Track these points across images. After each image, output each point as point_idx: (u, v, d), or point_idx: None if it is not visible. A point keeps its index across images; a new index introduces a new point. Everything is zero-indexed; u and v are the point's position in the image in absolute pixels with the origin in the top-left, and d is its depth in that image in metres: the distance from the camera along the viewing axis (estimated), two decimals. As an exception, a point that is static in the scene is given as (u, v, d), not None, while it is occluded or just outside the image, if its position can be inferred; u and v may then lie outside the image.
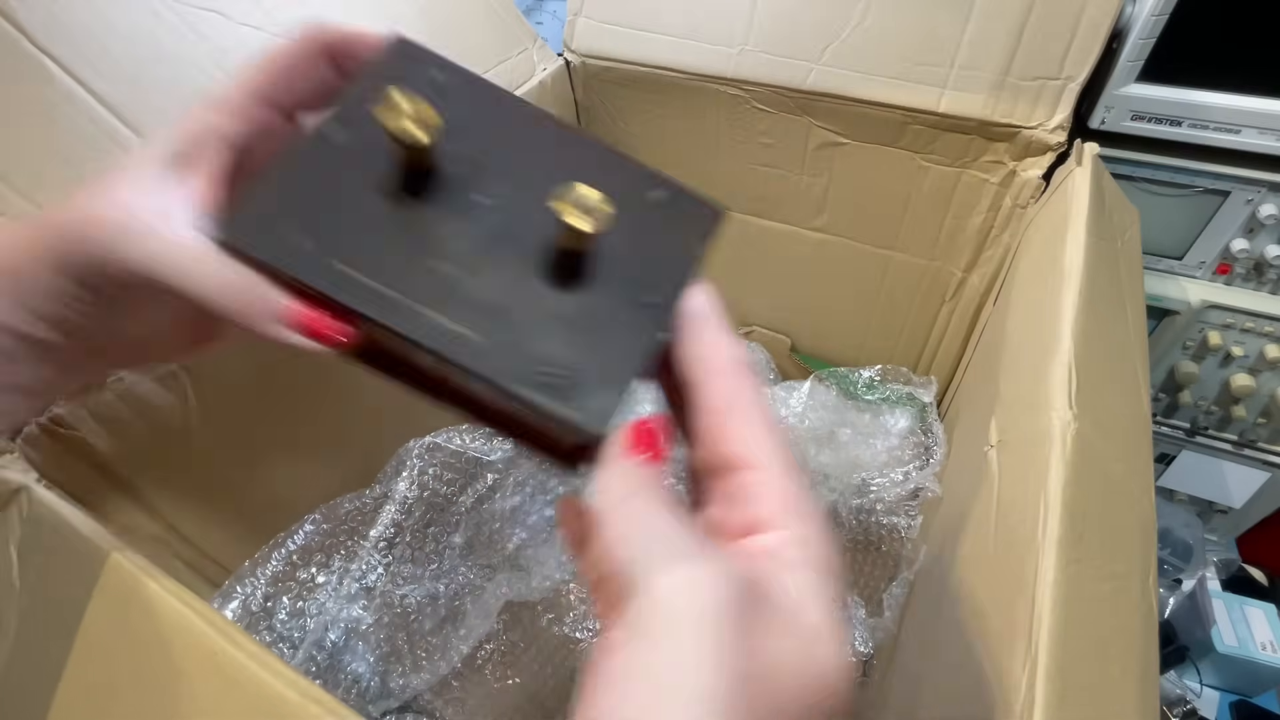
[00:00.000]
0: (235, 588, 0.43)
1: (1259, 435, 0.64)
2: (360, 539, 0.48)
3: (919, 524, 0.53)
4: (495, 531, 0.51)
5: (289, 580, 0.45)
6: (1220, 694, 0.63)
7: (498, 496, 0.52)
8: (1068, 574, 0.26)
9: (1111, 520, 0.31)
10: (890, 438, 0.55)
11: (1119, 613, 0.28)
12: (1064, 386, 0.31)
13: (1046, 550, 0.26)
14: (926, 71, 0.47)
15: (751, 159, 0.57)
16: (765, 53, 0.52)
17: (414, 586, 0.48)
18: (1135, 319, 0.41)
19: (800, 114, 0.53)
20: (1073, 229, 0.39)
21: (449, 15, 0.53)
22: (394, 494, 0.50)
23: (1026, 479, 0.30)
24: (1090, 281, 0.36)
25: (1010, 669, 0.26)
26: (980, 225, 0.52)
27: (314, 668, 0.44)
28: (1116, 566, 0.29)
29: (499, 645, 0.47)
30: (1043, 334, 0.35)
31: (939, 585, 0.38)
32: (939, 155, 0.50)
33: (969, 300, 0.56)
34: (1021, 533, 0.28)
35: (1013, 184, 0.49)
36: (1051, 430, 0.30)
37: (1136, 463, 0.34)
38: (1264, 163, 0.51)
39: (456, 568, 0.49)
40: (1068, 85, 0.44)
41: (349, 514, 0.48)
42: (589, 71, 0.59)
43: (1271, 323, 0.58)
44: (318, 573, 0.46)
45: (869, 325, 0.63)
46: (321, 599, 0.46)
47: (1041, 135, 0.45)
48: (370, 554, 0.48)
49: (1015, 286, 0.46)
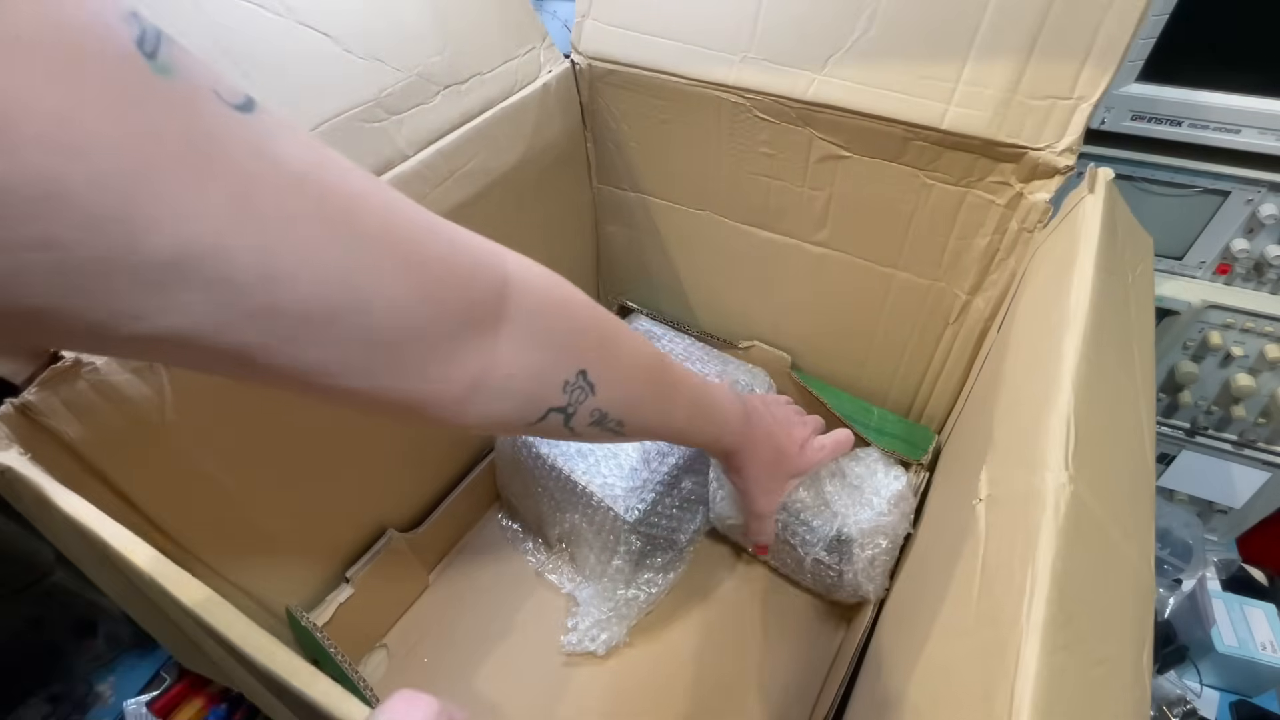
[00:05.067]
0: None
1: (1259, 435, 0.64)
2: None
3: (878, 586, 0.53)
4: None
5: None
6: (1220, 694, 0.63)
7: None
8: (1052, 664, 0.24)
9: (1105, 595, 0.28)
10: (880, 500, 0.53)
11: (1108, 701, 0.26)
12: (1061, 444, 0.29)
13: (1030, 636, 0.24)
14: (930, 86, 0.45)
15: (753, 168, 0.56)
16: (767, 61, 0.50)
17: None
18: (1143, 363, 0.39)
19: (802, 125, 0.51)
20: (1080, 265, 0.36)
21: (461, 6, 0.52)
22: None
23: (1014, 545, 0.28)
24: (1096, 326, 0.34)
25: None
26: (985, 248, 0.49)
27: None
28: (1108, 649, 0.27)
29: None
30: (1041, 382, 0.33)
31: (914, 650, 0.36)
32: (942, 173, 0.48)
33: (973, 324, 0.54)
34: (1006, 609, 0.26)
35: (1019, 207, 0.46)
36: (1044, 491, 0.28)
37: (1136, 524, 0.31)
38: (1264, 163, 0.51)
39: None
40: (1079, 105, 0.41)
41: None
42: (595, 74, 0.58)
43: (1271, 323, 0.57)
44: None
45: (871, 345, 0.61)
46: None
47: (1049, 157, 0.43)
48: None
49: (1018, 320, 0.44)
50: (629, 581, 0.58)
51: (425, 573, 0.63)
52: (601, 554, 0.57)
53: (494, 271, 0.28)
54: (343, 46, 0.45)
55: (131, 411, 0.38)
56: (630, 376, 0.35)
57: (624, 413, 0.35)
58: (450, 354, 0.26)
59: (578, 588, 0.61)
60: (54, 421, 0.36)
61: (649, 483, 0.56)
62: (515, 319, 0.28)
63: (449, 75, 0.51)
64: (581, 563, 0.61)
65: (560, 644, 0.57)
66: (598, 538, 0.57)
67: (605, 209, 0.68)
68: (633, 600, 0.58)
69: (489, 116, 0.53)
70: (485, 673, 0.57)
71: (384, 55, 0.47)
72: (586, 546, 0.59)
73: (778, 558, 0.60)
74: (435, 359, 0.26)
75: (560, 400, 0.31)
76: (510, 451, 0.61)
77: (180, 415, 0.40)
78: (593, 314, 0.33)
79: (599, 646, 0.56)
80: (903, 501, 0.53)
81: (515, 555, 0.65)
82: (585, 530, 0.58)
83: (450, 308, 0.26)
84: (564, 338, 0.31)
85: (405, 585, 0.62)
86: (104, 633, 0.63)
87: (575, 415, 0.32)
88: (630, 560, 0.56)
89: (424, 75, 0.49)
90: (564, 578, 0.62)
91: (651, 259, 0.69)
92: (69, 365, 0.35)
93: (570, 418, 0.32)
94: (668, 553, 0.59)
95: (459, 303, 0.26)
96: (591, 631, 0.57)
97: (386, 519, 0.59)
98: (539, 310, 0.29)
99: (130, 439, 0.39)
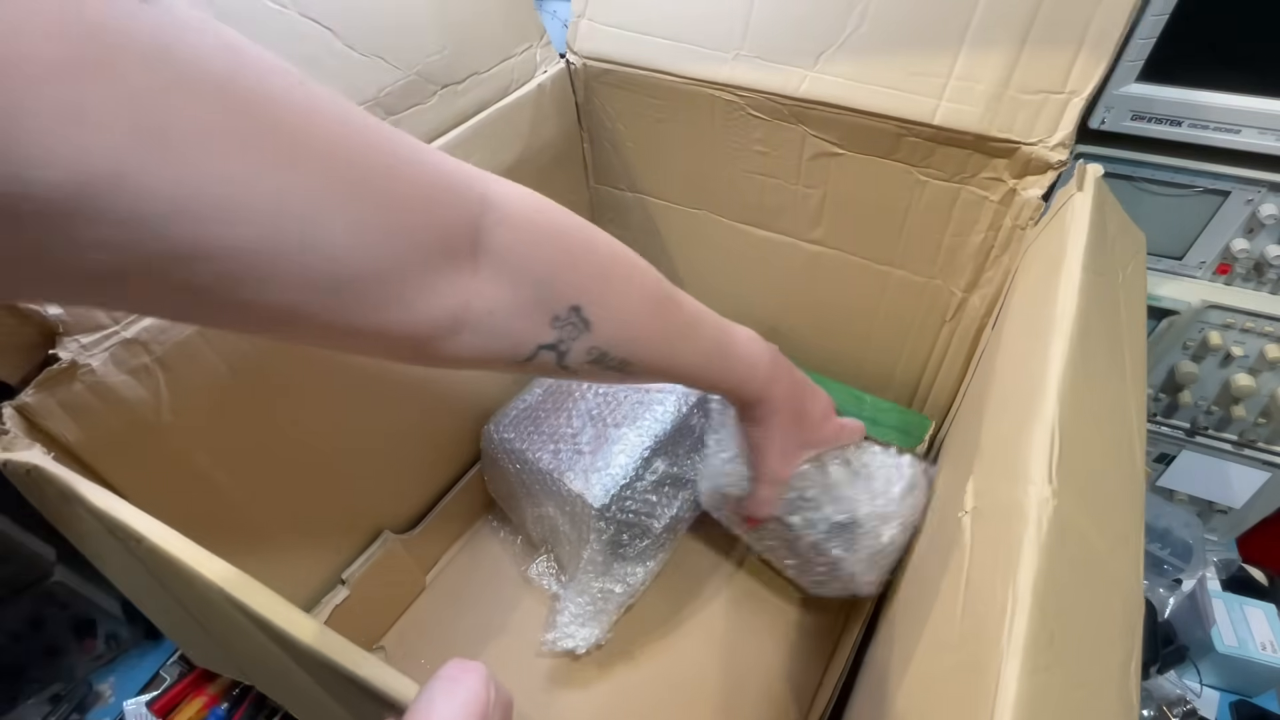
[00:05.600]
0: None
1: (1259, 435, 0.63)
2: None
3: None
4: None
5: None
6: (1220, 694, 0.62)
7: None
8: (1033, 685, 0.23)
9: (1089, 610, 0.28)
10: (894, 488, 0.49)
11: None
12: (1044, 455, 0.28)
13: (1010, 656, 0.24)
14: (922, 81, 0.45)
15: (748, 166, 0.56)
16: (760, 58, 0.50)
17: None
18: (1134, 363, 0.38)
19: (794, 122, 0.51)
20: (1068, 266, 0.36)
21: (462, 3, 0.52)
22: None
23: (996, 560, 0.28)
24: (1083, 329, 0.33)
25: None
26: (980, 244, 0.49)
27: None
28: (1091, 671, 0.26)
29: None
30: (1027, 389, 0.32)
31: (905, 660, 0.36)
32: (936, 169, 0.48)
33: (970, 322, 0.53)
34: (988, 627, 0.26)
35: (1013, 203, 0.46)
36: (1027, 506, 0.27)
37: (1123, 536, 0.31)
38: (1264, 163, 0.51)
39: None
40: (1071, 100, 0.41)
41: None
42: (590, 73, 0.59)
43: (1271, 323, 0.57)
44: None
45: (868, 343, 0.61)
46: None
47: (1042, 152, 0.43)
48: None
49: (1008, 322, 0.44)
50: (604, 573, 0.57)
51: (422, 574, 0.63)
52: (576, 545, 0.57)
53: (469, 197, 0.25)
54: (345, 42, 0.45)
55: (128, 413, 0.39)
56: (634, 313, 0.32)
57: (627, 352, 0.32)
58: (422, 290, 0.24)
59: (563, 588, 0.60)
60: (51, 423, 0.36)
61: (617, 469, 0.55)
62: (495, 249, 0.26)
63: (447, 75, 0.51)
64: (563, 562, 0.60)
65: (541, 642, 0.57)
66: (572, 529, 0.57)
67: (602, 209, 0.68)
68: (609, 594, 0.57)
69: (484, 117, 0.53)
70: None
71: (385, 52, 0.47)
72: (564, 539, 0.58)
73: (766, 539, 0.55)
74: (404, 297, 0.23)
75: (550, 337, 0.28)
76: (491, 450, 0.61)
77: (177, 417, 0.41)
78: (588, 243, 0.30)
79: (579, 644, 0.56)
80: (915, 490, 0.49)
81: (509, 556, 0.65)
82: (560, 521, 0.57)
83: (418, 239, 0.23)
84: (553, 269, 0.28)
85: (402, 587, 0.62)
86: (104, 633, 0.63)
87: (569, 353, 0.29)
88: (603, 549, 0.55)
89: (423, 74, 0.49)
90: (550, 580, 0.62)
91: (649, 258, 0.67)
92: (65, 367, 0.36)
93: (564, 356, 0.29)
94: (643, 540, 0.58)
95: (428, 233, 0.23)
96: (569, 628, 0.56)
97: (383, 521, 0.59)
98: (523, 239, 0.27)
99: (127, 441, 0.39)
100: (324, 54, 0.44)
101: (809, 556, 0.52)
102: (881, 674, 0.41)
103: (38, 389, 0.36)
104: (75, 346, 0.36)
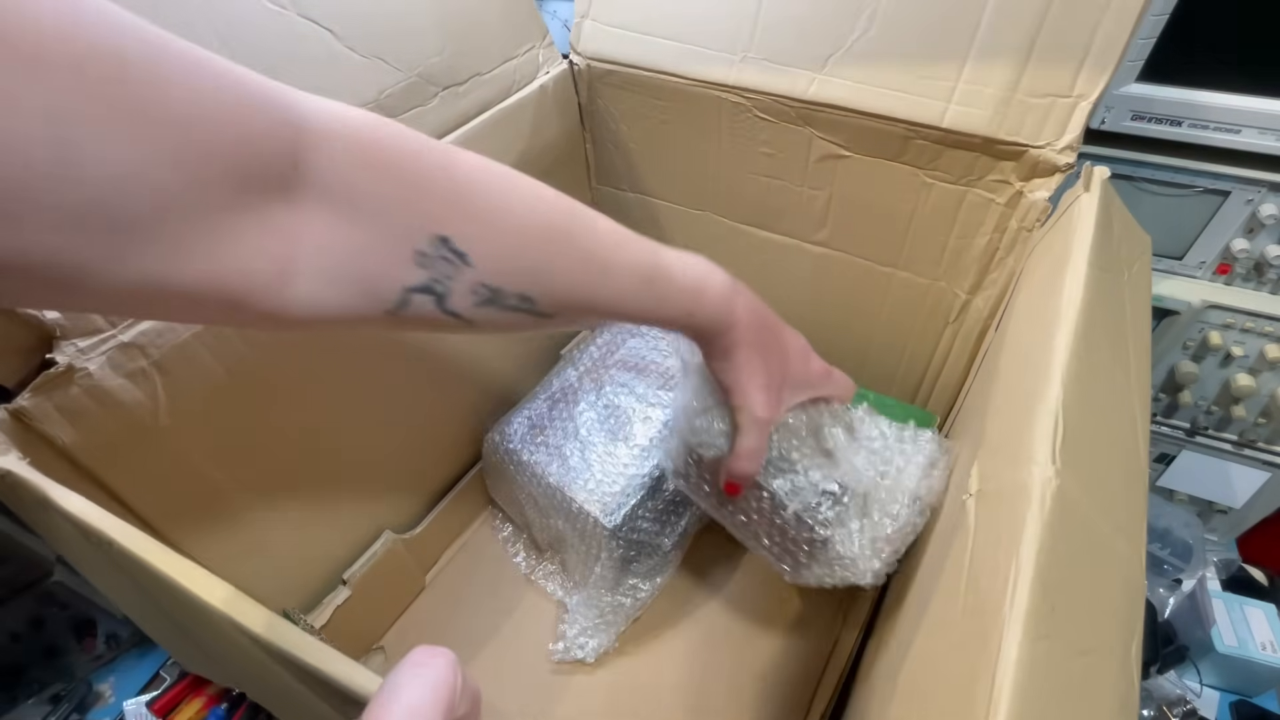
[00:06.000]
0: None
1: (1259, 435, 0.64)
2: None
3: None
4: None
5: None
6: (1220, 694, 0.63)
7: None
8: (1034, 652, 0.24)
9: (1091, 587, 0.28)
10: (913, 465, 0.43)
11: (1090, 694, 0.26)
12: (1048, 437, 0.29)
13: (1012, 625, 0.24)
14: (930, 85, 0.45)
15: (753, 168, 0.56)
16: (767, 60, 0.50)
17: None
18: (1138, 359, 0.38)
19: (802, 124, 0.51)
20: (1074, 263, 0.36)
21: (463, 4, 0.52)
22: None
23: (1000, 538, 0.28)
24: (1088, 322, 0.33)
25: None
26: (985, 247, 0.49)
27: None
28: (1091, 641, 0.27)
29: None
30: (1032, 377, 0.33)
31: (905, 644, 0.36)
32: (943, 172, 0.47)
33: (973, 324, 0.53)
34: (990, 600, 0.26)
35: (1019, 205, 0.46)
36: (1030, 485, 0.27)
37: (1125, 519, 0.31)
38: (1264, 163, 0.51)
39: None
40: (1079, 103, 0.41)
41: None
42: (594, 74, 0.58)
43: (1271, 323, 0.57)
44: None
45: (871, 344, 0.61)
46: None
47: (1049, 155, 0.43)
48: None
49: (1013, 319, 0.44)
50: (614, 588, 0.57)
51: (422, 575, 0.63)
52: (586, 560, 0.57)
53: (278, 116, 0.21)
54: (345, 43, 0.45)
55: (125, 416, 0.38)
56: (522, 240, 0.27)
57: (525, 287, 0.27)
58: (228, 232, 0.20)
59: (568, 594, 0.60)
60: (48, 427, 0.36)
61: (629, 487, 0.54)
62: (317, 176, 0.22)
63: (448, 76, 0.50)
64: (569, 568, 0.60)
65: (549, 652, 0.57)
66: (581, 543, 0.57)
67: (605, 210, 0.66)
68: (619, 607, 0.57)
69: (486, 118, 0.53)
70: (484, 676, 0.57)
71: (385, 53, 0.47)
72: (572, 552, 0.58)
73: (738, 513, 0.45)
74: (204, 240, 0.20)
75: (417, 277, 0.25)
76: (494, 458, 0.61)
77: (174, 419, 0.40)
78: (445, 164, 0.26)
79: (588, 654, 0.56)
80: (936, 468, 0.42)
81: (510, 558, 0.65)
82: (570, 535, 0.57)
83: (216, 171, 0.19)
84: (398, 195, 0.24)
85: (402, 587, 0.61)
86: (104, 633, 0.63)
87: (450, 295, 0.26)
88: (614, 567, 0.55)
89: (424, 76, 0.49)
90: (555, 584, 0.62)
91: (651, 259, 0.68)
92: (62, 371, 0.35)
93: (444, 299, 0.26)
94: (652, 558, 0.58)
95: (224, 158, 0.20)
96: (580, 639, 0.56)
97: (383, 521, 0.59)
98: (352, 162, 0.23)
99: (124, 443, 0.39)
100: (324, 55, 0.44)
101: (794, 527, 0.42)
102: (884, 656, 0.41)
103: (34, 393, 0.35)
104: (72, 350, 0.35)
